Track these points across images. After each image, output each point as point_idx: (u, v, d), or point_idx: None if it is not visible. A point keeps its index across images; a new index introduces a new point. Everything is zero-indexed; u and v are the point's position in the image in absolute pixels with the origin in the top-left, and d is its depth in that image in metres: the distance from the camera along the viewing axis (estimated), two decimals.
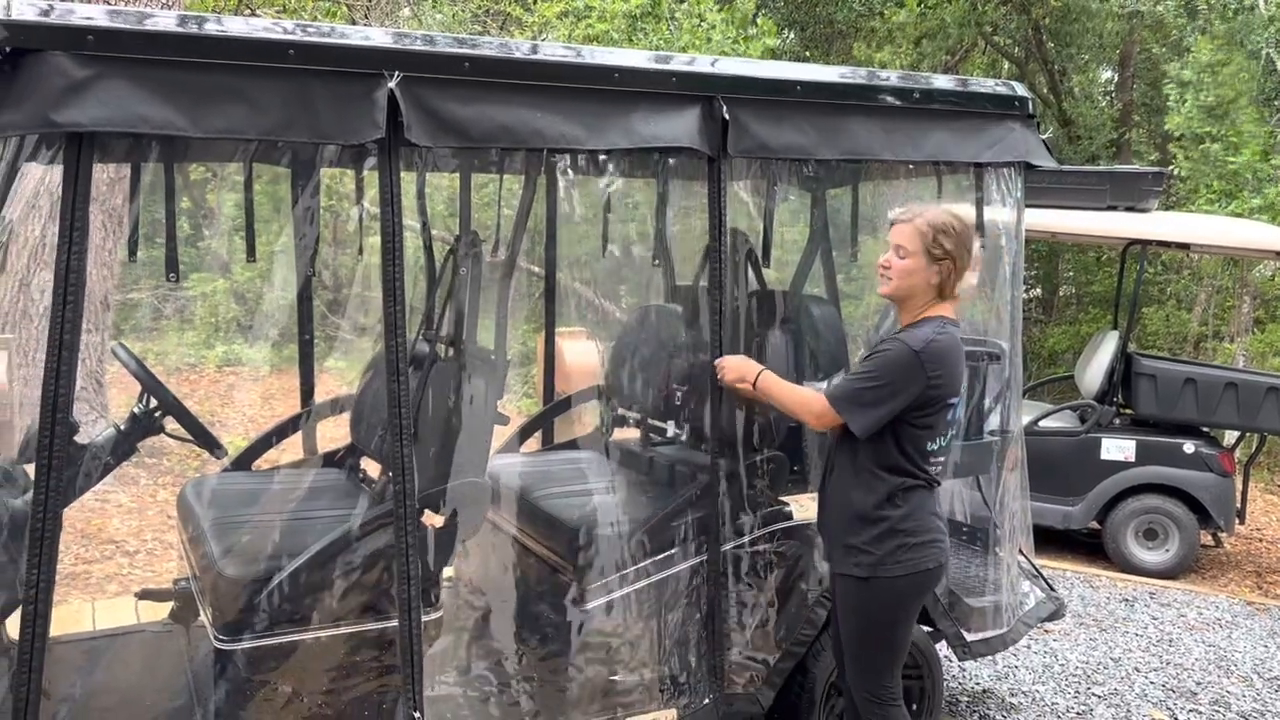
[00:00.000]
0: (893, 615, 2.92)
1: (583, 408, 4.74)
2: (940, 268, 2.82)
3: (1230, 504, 6.75)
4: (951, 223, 2.84)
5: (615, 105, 2.99)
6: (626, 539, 3.35)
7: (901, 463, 2.84)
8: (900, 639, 2.96)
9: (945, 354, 2.77)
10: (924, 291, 2.85)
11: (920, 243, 2.82)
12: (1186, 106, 11.09)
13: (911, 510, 2.87)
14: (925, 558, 2.87)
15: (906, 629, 2.96)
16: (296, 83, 2.57)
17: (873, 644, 2.95)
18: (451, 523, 3.00)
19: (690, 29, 10.53)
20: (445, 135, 2.72)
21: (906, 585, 2.88)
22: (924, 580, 2.90)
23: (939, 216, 2.84)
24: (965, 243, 2.84)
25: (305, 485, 3.53)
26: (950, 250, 2.81)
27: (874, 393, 2.78)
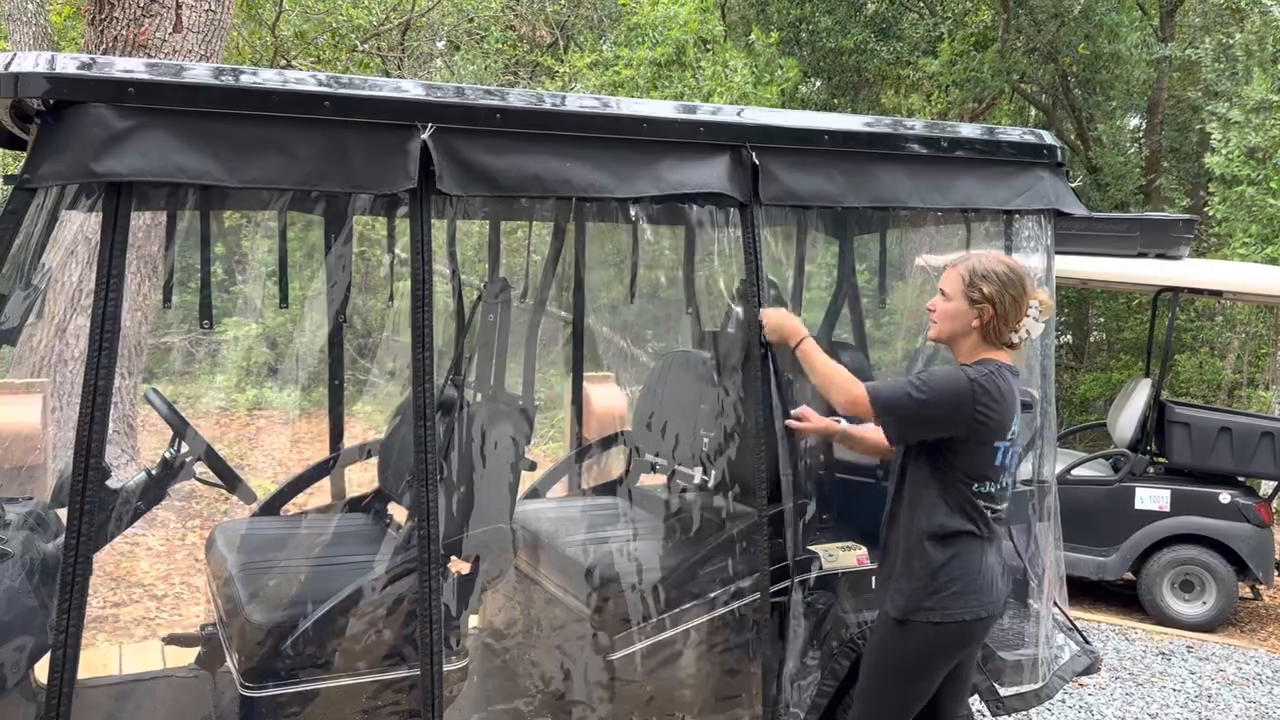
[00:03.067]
0: (916, 664, 2.85)
1: (609, 453, 4.73)
2: (979, 311, 2.82)
3: (1269, 555, 6.61)
4: (993, 268, 2.83)
5: (644, 154, 3.02)
6: (652, 587, 3.32)
7: (950, 503, 2.80)
8: (915, 693, 2.87)
9: (996, 391, 2.75)
10: (967, 335, 2.85)
11: (959, 286, 2.84)
12: (1230, 147, 10.98)
13: (958, 554, 2.81)
14: (963, 609, 2.80)
15: (927, 684, 2.87)
16: (331, 133, 2.61)
17: (886, 689, 2.88)
18: (476, 569, 2.99)
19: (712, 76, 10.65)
20: (476, 184, 2.76)
21: (937, 635, 2.82)
22: (958, 633, 2.82)
23: (981, 261, 2.86)
24: (1010, 288, 2.81)
25: (332, 530, 3.54)
26: (989, 294, 2.80)
27: (916, 403, 2.75)
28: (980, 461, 2.79)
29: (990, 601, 2.85)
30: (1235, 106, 11.11)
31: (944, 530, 2.82)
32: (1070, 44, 14.47)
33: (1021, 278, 2.85)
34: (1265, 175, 10.61)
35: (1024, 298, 2.84)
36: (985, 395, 2.74)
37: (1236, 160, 10.76)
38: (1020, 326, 2.84)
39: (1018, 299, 2.83)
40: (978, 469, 2.79)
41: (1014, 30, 14.39)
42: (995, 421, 2.76)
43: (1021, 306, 2.83)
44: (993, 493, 2.84)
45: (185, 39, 7.00)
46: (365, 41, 11.18)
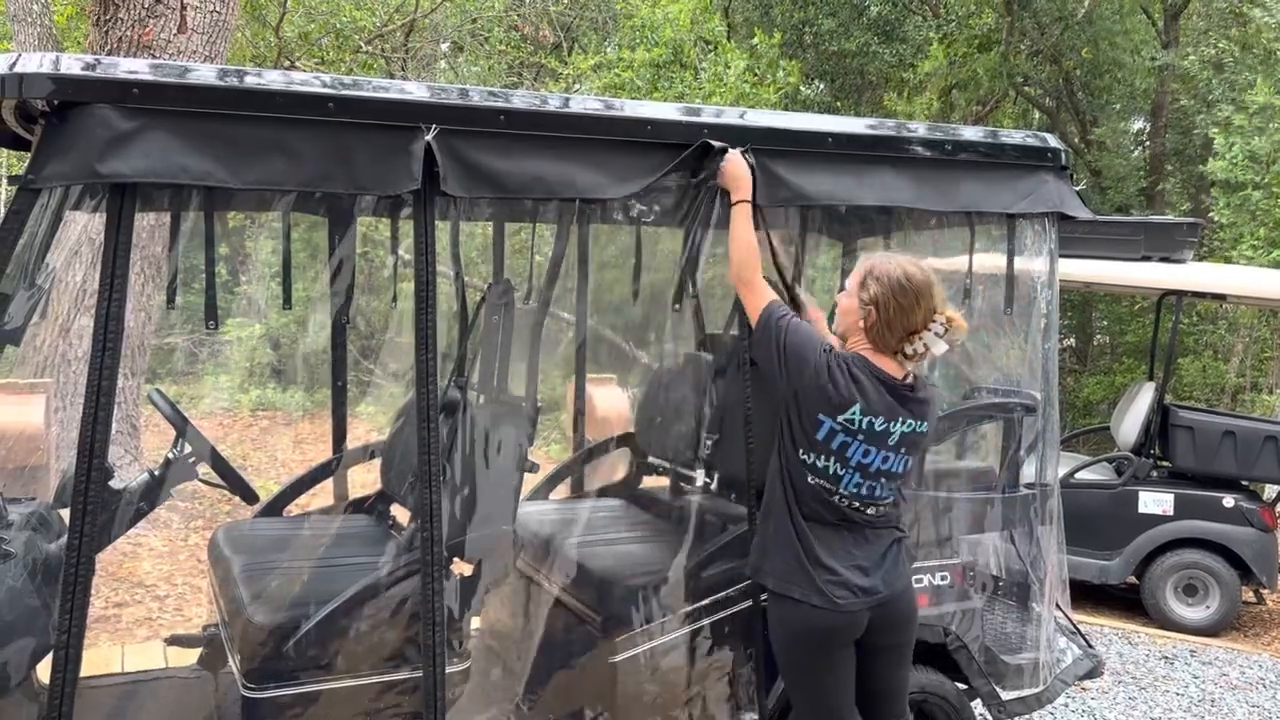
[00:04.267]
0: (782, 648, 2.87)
1: (612, 455, 4.73)
2: (865, 313, 2.81)
3: (1272, 559, 6.60)
4: (889, 271, 2.79)
5: (644, 157, 3.01)
6: (654, 590, 3.32)
7: (777, 468, 2.84)
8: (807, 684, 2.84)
9: (842, 371, 2.74)
10: (856, 334, 2.84)
11: (855, 282, 2.86)
12: (1233, 152, 10.97)
13: (774, 531, 2.86)
14: (796, 590, 2.79)
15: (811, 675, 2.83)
16: (335, 135, 2.61)
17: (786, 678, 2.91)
18: (479, 571, 2.99)
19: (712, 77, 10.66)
20: (480, 186, 2.75)
21: (781, 613, 2.83)
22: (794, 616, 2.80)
23: (881, 263, 2.83)
24: (900, 295, 2.76)
25: (335, 532, 3.54)
26: (874, 296, 2.78)
27: (795, 328, 2.79)
28: (805, 426, 2.77)
29: (815, 592, 2.77)
30: (1238, 111, 11.10)
31: (772, 498, 2.88)
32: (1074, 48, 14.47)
33: (920, 288, 2.78)
34: (1268, 180, 10.60)
35: (916, 309, 2.77)
36: (837, 364, 2.74)
37: (1240, 165, 10.75)
38: (916, 339, 2.77)
39: (906, 308, 2.76)
40: (801, 434, 2.78)
41: (1018, 33, 14.39)
42: (820, 391, 2.73)
43: (911, 317, 2.76)
44: (823, 468, 2.78)
45: (190, 40, 7.01)
46: (369, 43, 11.18)
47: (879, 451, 2.78)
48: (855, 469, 2.78)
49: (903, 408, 2.80)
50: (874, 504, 2.85)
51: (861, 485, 2.81)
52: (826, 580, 2.77)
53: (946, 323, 2.78)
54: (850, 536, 2.84)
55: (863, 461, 2.78)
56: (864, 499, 2.82)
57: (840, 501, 2.81)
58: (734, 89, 10.95)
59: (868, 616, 2.81)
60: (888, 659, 2.94)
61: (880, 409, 2.77)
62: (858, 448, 2.77)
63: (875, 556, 2.85)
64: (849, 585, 2.78)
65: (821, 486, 2.80)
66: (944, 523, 3.68)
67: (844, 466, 2.79)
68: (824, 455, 2.79)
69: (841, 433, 2.76)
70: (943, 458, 3.97)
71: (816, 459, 2.79)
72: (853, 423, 2.75)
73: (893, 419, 2.78)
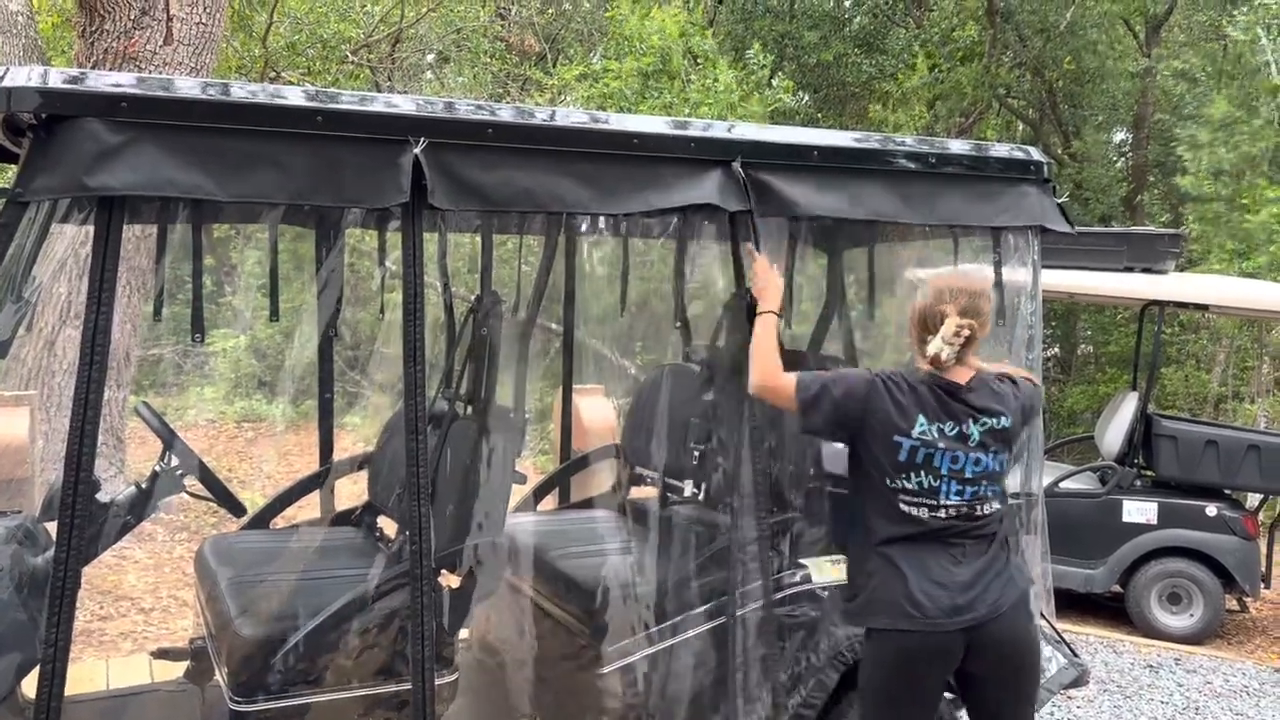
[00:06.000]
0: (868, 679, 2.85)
1: (599, 466, 4.73)
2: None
3: (1255, 568, 6.65)
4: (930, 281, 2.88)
5: (635, 169, 3.03)
6: (643, 601, 3.32)
7: (860, 509, 2.87)
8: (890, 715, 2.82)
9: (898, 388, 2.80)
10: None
11: None
12: (1201, 166, 11.13)
13: (864, 569, 2.87)
14: (882, 619, 2.77)
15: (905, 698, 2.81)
16: (324, 148, 2.62)
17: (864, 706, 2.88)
18: (468, 583, 2.99)
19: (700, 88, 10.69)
20: (468, 199, 2.77)
21: (872, 648, 2.81)
22: (884, 645, 2.78)
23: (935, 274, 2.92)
24: (919, 303, 2.85)
25: (322, 544, 3.54)
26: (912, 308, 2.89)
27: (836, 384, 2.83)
28: (886, 455, 2.79)
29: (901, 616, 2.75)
30: (1201, 127, 11.25)
31: (854, 542, 2.90)
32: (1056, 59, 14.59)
33: (940, 293, 2.83)
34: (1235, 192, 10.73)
35: (928, 313, 2.83)
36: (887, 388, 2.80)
37: (1205, 180, 10.89)
38: (931, 342, 2.80)
39: (925, 309, 2.85)
40: (886, 464, 2.79)
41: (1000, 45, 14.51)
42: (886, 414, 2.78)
43: (927, 322, 2.83)
44: (915, 487, 2.78)
45: (176, 51, 7.00)
46: (355, 53, 11.19)
47: (966, 455, 2.79)
48: (950, 477, 2.78)
49: (970, 408, 2.82)
50: (980, 505, 2.82)
51: (964, 490, 2.80)
52: (913, 602, 2.74)
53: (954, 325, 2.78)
54: (947, 555, 2.80)
55: (954, 469, 2.79)
56: (970, 504, 2.80)
57: (946, 515, 2.79)
58: (723, 100, 11.00)
59: (963, 640, 2.74)
60: (997, 692, 2.85)
61: (946, 414, 2.80)
62: (942, 456, 2.78)
63: (971, 574, 2.78)
64: (938, 605, 2.73)
65: (921, 504, 2.79)
66: None
67: (937, 478, 2.79)
68: (913, 473, 2.79)
69: (921, 446, 2.78)
70: None
71: (907, 480, 2.79)
72: (926, 433, 2.78)
73: (963, 421, 2.80)
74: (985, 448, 2.82)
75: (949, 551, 2.80)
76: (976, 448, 2.80)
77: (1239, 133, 10.86)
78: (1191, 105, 12.45)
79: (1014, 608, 2.80)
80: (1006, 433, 2.85)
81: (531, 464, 7.85)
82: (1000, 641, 2.78)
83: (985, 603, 2.75)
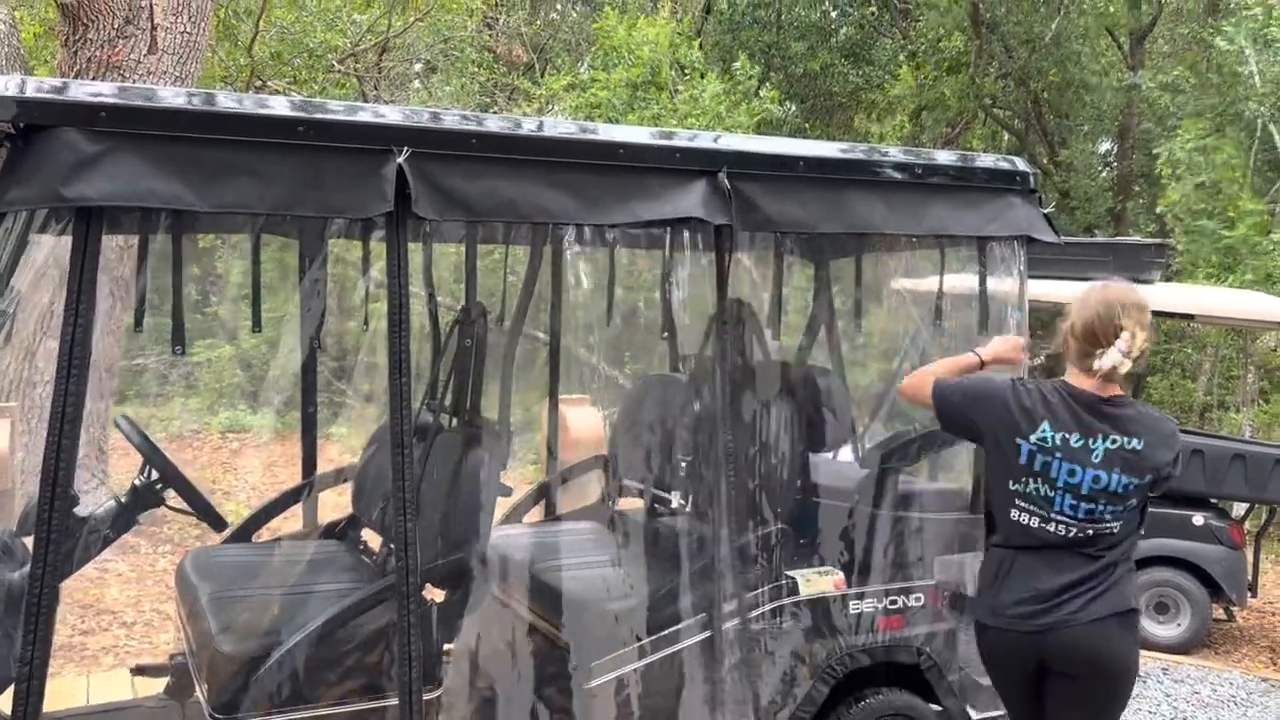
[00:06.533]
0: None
1: (587, 478, 4.71)
2: (1065, 333, 2.92)
3: (1242, 577, 6.65)
4: (1090, 294, 2.88)
5: (620, 180, 3.02)
6: (630, 614, 3.30)
7: (992, 499, 3.01)
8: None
9: (1035, 393, 2.87)
10: (1065, 357, 2.95)
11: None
12: (1181, 184, 11.21)
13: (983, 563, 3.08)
14: (976, 612, 3.00)
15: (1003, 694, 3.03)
16: (306, 158, 2.60)
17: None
18: (453, 598, 2.96)
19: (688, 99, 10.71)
20: (452, 209, 2.75)
21: (978, 642, 3.00)
22: (977, 638, 2.99)
23: (1085, 288, 2.95)
24: (1085, 312, 2.83)
25: (305, 558, 3.50)
26: (1070, 316, 2.90)
27: (968, 384, 3.00)
28: (1009, 457, 2.86)
29: (989, 614, 2.92)
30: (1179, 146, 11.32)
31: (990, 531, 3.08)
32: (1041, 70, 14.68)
33: (1111, 306, 2.80)
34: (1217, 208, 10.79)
35: (1100, 324, 2.80)
36: (1017, 392, 2.88)
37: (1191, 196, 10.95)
38: (1100, 353, 2.79)
39: (1088, 320, 2.81)
40: (1008, 465, 2.86)
41: (986, 56, 14.58)
42: (1011, 417, 2.85)
43: (1096, 334, 2.80)
44: (1031, 493, 2.83)
45: (160, 60, 6.96)
46: (341, 62, 11.15)
47: (1085, 470, 2.79)
48: (1065, 490, 2.80)
49: (1102, 423, 2.80)
50: (1095, 524, 2.80)
51: (1078, 507, 2.79)
52: (998, 602, 2.88)
53: (1130, 339, 2.77)
54: (1046, 563, 2.83)
55: (1070, 481, 2.79)
56: (1083, 520, 2.80)
57: (1056, 527, 2.81)
58: (710, 111, 11.01)
59: (1035, 644, 2.81)
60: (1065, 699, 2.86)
61: (1073, 425, 2.81)
62: (1060, 466, 2.80)
63: (1065, 583, 2.80)
64: (1018, 607, 2.83)
65: (1033, 512, 2.84)
66: (916, 544, 3.69)
67: (1052, 488, 2.81)
68: (1030, 479, 2.84)
69: (1039, 452, 2.82)
70: (915, 479, 3.98)
71: (1024, 485, 2.85)
72: (1046, 440, 2.81)
73: (1091, 435, 2.80)
74: (1109, 465, 2.78)
75: (1049, 561, 2.83)
76: (1100, 464, 2.79)
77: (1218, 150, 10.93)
78: (1177, 116, 12.53)
79: (1099, 624, 2.78)
80: (1138, 456, 2.80)
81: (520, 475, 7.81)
82: (1075, 654, 2.79)
83: (1062, 612, 2.78)
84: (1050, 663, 2.82)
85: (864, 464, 3.74)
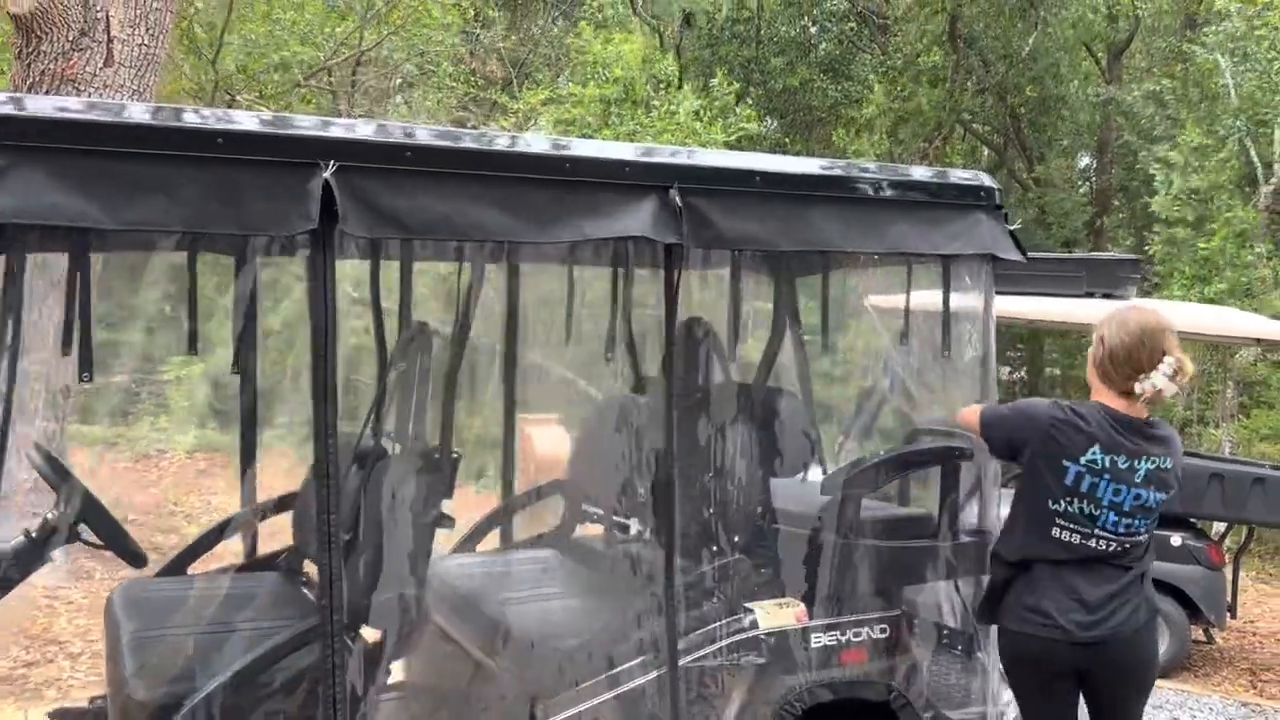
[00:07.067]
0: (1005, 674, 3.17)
1: (545, 503, 4.55)
2: (1094, 349, 3.02)
3: (1221, 598, 6.55)
4: (1126, 314, 3.00)
5: (565, 196, 2.88)
6: (579, 651, 3.14)
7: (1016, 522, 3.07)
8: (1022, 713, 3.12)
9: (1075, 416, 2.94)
10: (1094, 378, 3.04)
11: (1098, 331, 3.05)
12: (1174, 188, 11.14)
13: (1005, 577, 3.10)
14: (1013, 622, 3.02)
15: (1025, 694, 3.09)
16: (225, 173, 2.45)
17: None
18: (386, 637, 2.80)
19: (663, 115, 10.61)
20: (383, 226, 2.61)
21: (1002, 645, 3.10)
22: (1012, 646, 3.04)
23: (1119, 309, 3.06)
24: (1126, 333, 2.92)
25: (239, 591, 3.33)
26: (1103, 333, 2.98)
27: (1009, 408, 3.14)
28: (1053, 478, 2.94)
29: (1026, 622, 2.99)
30: (1175, 149, 11.27)
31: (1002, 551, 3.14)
32: (1018, 85, 14.66)
33: (1148, 330, 2.92)
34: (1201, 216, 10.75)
35: (1141, 347, 2.90)
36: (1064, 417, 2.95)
37: (1179, 202, 10.90)
38: (1143, 377, 2.89)
39: (1131, 346, 2.91)
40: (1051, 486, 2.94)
41: (963, 70, 14.55)
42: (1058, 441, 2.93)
43: (1136, 354, 2.90)
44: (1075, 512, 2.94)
45: (118, 73, 6.79)
46: (311, 76, 11.00)
47: (1129, 489, 2.93)
48: (1109, 508, 2.93)
49: (1145, 445, 2.95)
50: (1131, 538, 2.97)
51: (1119, 523, 2.94)
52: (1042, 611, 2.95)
53: (1176, 364, 2.88)
54: (1084, 576, 2.96)
55: (1114, 500, 2.93)
56: (1122, 535, 2.95)
57: (1097, 543, 2.94)
58: (685, 127, 10.91)
59: (1083, 655, 2.93)
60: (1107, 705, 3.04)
61: (1120, 448, 2.93)
62: (1106, 486, 2.92)
63: (1104, 595, 2.94)
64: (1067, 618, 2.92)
65: (1074, 530, 2.95)
66: (883, 573, 3.55)
67: (1097, 507, 2.93)
68: (1076, 499, 2.94)
69: (1088, 474, 2.92)
70: (880, 505, 3.84)
71: (1069, 504, 2.94)
72: (1096, 463, 2.92)
73: (1136, 456, 2.94)
74: (1149, 484, 2.95)
75: (1087, 573, 2.96)
76: (1141, 483, 2.94)
77: (1210, 159, 10.89)
78: (1161, 127, 12.49)
79: (1137, 633, 2.97)
80: (1166, 474, 2.98)
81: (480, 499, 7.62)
82: (1119, 662, 2.96)
83: (1109, 624, 2.93)
84: (1095, 670, 2.95)
85: (825, 489, 3.60)
